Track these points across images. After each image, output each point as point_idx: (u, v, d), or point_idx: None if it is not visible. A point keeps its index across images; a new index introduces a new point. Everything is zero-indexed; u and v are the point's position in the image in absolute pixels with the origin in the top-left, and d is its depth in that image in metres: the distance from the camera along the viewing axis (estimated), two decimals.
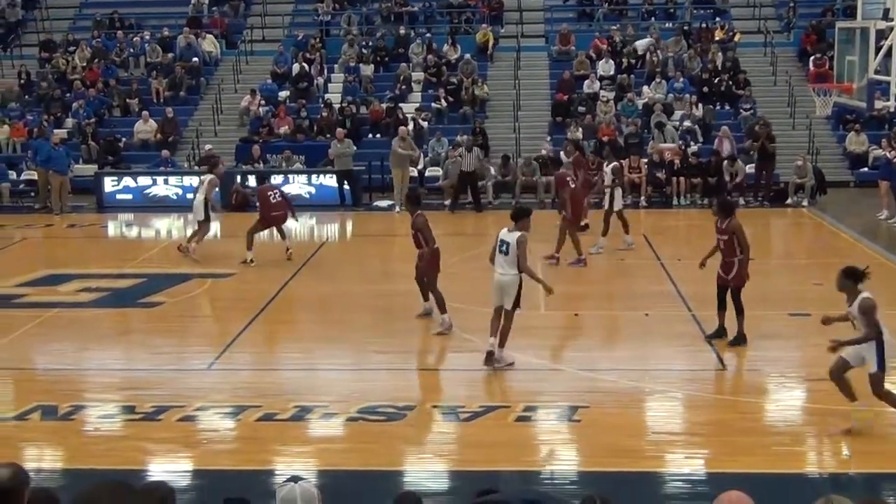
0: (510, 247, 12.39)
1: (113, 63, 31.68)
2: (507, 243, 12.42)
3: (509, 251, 12.39)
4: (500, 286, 12.55)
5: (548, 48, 31.91)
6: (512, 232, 12.49)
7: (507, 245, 12.42)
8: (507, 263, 12.43)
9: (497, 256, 12.53)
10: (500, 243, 12.49)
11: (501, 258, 12.47)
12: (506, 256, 12.42)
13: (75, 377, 13.12)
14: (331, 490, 8.60)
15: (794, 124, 27.92)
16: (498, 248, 12.50)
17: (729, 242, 13.38)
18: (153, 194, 26.00)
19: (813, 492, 9.26)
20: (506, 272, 12.47)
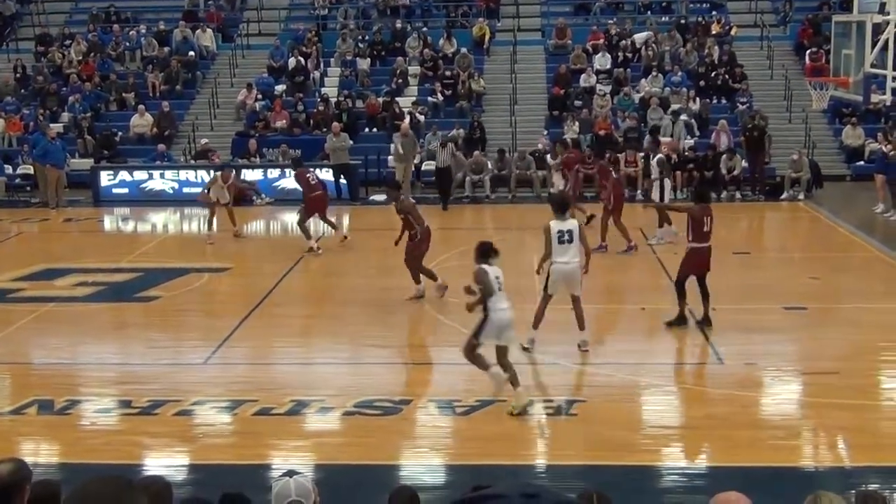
0: (574, 234, 12.67)
1: (109, 57, 31.63)
2: (571, 231, 12.66)
3: (573, 238, 12.65)
4: (571, 274, 12.77)
5: (544, 42, 31.89)
6: (567, 220, 12.80)
7: (570, 233, 12.64)
8: (573, 250, 12.70)
9: (559, 247, 12.65)
10: (560, 234, 12.62)
11: (566, 247, 12.66)
12: (570, 244, 12.65)
13: (72, 371, 13.12)
14: (327, 484, 8.61)
15: (790, 118, 27.93)
16: (558, 239, 12.61)
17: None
18: (149, 188, 25.96)
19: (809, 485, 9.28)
20: (572, 259, 12.72)
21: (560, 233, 12.64)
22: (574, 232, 12.69)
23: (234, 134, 28.19)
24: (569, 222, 12.78)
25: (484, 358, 11.31)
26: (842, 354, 12.66)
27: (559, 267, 12.71)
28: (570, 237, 12.65)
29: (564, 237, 12.63)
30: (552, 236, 12.65)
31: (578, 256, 12.78)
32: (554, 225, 12.70)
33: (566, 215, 12.88)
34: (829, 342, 13.40)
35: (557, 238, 12.62)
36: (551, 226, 12.70)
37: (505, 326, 11.20)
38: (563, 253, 12.67)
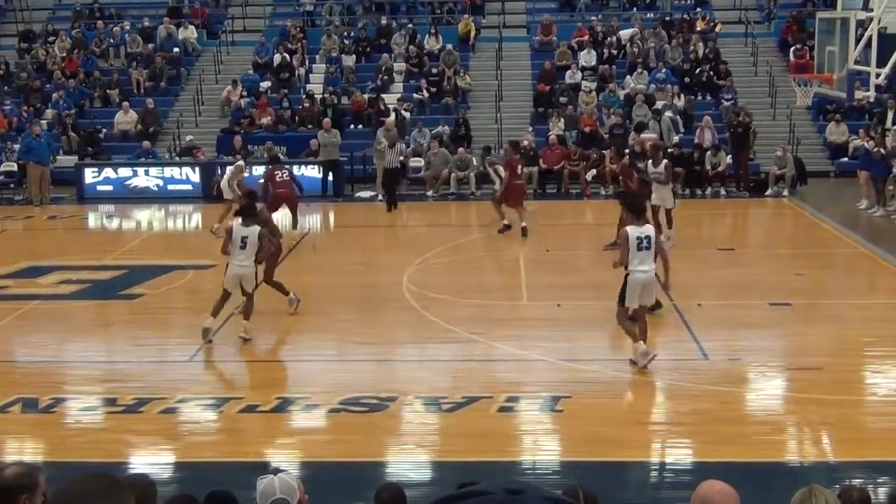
0: (652, 240, 11.96)
1: (93, 53, 31.48)
2: (649, 237, 11.93)
3: (651, 245, 11.93)
4: (649, 284, 12.04)
5: (529, 39, 31.89)
6: (644, 225, 12.07)
7: (649, 239, 11.91)
8: (652, 258, 11.98)
9: (637, 255, 11.85)
10: (639, 240, 11.85)
11: (645, 254, 11.89)
12: (649, 251, 11.91)
13: (56, 369, 13.07)
14: (313, 481, 8.61)
15: (774, 114, 28.01)
16: (637, 246, 11.84)
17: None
18: (134, 185, 25.87)
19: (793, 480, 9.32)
20: (652, 268, 12.01)
21: (639, 239, 11.83)
22: (652, 238, 11.93)
23: (219, 131, 28.12)
24: (646, 227, 12.03)
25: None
26: (826, 350, 12.71)
27: (638, 276, 11.90)
28: (649, 243, 11.87)
29: (643, 244, 11.83)
30: (631, 243, 11.83)
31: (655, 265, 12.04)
32: (632, 231, 11.88)
33: (642, 220, 12.11)
34: (813, 338, 13.45)
35: (637, 245, 11.81)
36: (629, 232, 11.88)
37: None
38: (641, 261, 11.87)
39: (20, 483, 4.61)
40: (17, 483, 4.58)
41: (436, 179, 25.36)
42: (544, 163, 25.68)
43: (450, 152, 25.75)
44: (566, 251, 19.21)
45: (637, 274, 11.91)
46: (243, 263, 13.58)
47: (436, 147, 25.66)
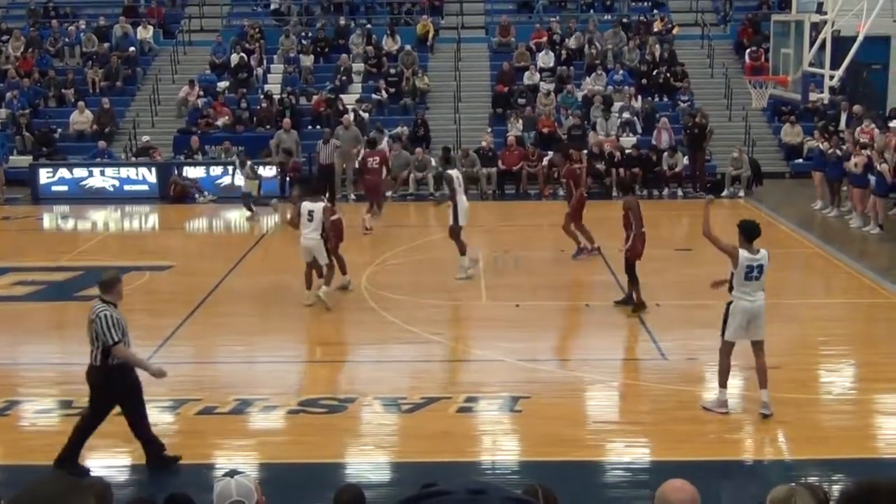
0: (764, 269, 10.82)
1: (47, 52, 31.13)
2: (762, 266, 10.78)
3: (762, 275, 10.82)
4: (756, 313, 10.88)
5: (488, 40, 31.96)
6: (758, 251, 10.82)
7: (761, 269, 10.78)
8: (761, 287, 10.87)
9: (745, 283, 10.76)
10: (749, 269, 10.74)
11: (754, 284, 10.80)
12: (758, 281, 10.81)
13: (10, 372, 12.92)
14: (272, 483, 8.57)
15: (730, 116, 28.26)
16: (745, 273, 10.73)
17: (625, 216, 14.58)
18: (89, 186, 25.62)
19: (750, 478, 9.42)
20: (760, 298, 10.88)
21: (750, 267, 10.71)
22: (764, 266, 10.76)
23: (175, 131, 27.90)
24: (760, 255, 10.77)
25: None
26: (783, 349, 12.82)
27: (743, 303, 10.77)
28: (760, 272, 10.74)
29: (753, 273, 10.73)
30: (740, 268, 10.71)
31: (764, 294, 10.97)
32: (744, 257, 10.71)
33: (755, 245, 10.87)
34: (770, 337, 13.45)
35: (746, 273, 10.71)
36: (741, 258, 10.70)
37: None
38: (749, 289, 10.77)
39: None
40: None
41: (395, 181, 25.33)
42: (503, 164, 25.73)
43: (408, 153, 25.73)
44: (525, 252, 19.26)
45: (743, 301, 10.78)
46: (310, 236, 14.82)
47: (397, 149, 25.63)
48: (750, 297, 10.76)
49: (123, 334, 9.37)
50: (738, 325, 10.79)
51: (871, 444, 10.54)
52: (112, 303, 9.46)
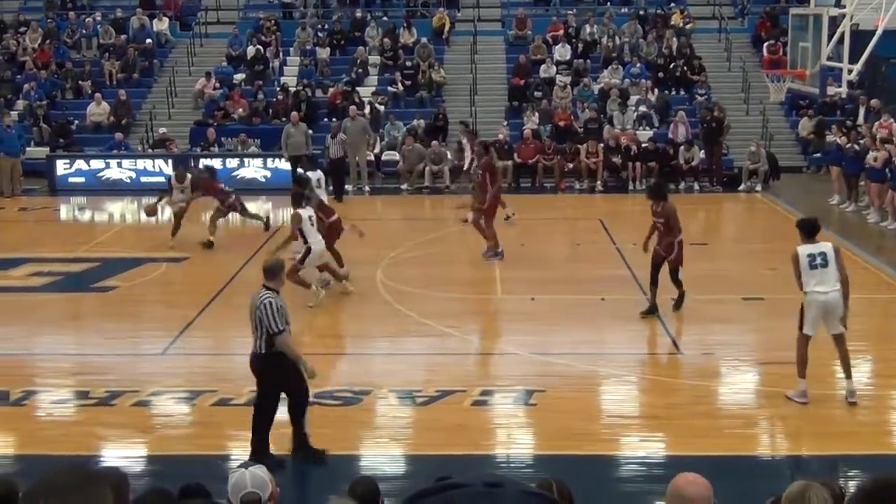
0: (829, 256, 10.82)
1: (65, 44, 31.22)
2: (823, 253, 10.82)
3: (828, 261, 10.79)
4: (830, 306, 10.79)
5: (504, 33, 31.89)
6: (818, 242, 11.02)
7: (823, 255, 10.79)
8: (831, 276, 10.79)
9: (811, 273, 10.75)
10: (811, 257, 10.78)
11: (821, 273, 10.74)
12: (826, 269, 10.75)
13: (27, 362, 12.98)
14: (286, 475, 8.60)
15: (748, 110, 28.13)
16: (809, 264, 10.76)
17: (666, 224, 13.86)
18: (106, 177, 25.69)
19: (766, 474, 9.40)
20: (832, 287, 10.77)
21: (811, 256, 10.76)
22: (828, 254, 10.78)
23: (192, 123, 27.95)
24: (821, 244, 10.92)
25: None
26: None
27: (815, 297, 10.73)
28: (824, 260, 10.74)
29: (816, 260, 10.73)
30: (801, 262, 10.78)
31: (838, 284, 10.85)
32: (801, 249, 10.84)
33: (813, 238, 11.01)
34: (785, 332, 13.45)
35: (808, 263, 10.75)
36: (798, 251, 10.85)
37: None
38: (817, 280, 10.74)
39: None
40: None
41: (410, 173, 25.33)
42: (519, 157, 25.69)
43: (424, 146, 25.72)
44: (540, 245, 19.24)
45: (815, 295, 10.74)
46: (318, 238, 14.78)
47: (410, 143, 25.62)
48: (821, 289, 10.72)
49: (286, 323, 9.38)
50: (814, 319, 10.81)
51: (888, 440, 10.50)
52: (275, 290, 9.48)
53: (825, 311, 10.77)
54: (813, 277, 10.72)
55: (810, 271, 10.73)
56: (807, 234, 11.00)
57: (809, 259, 10.74)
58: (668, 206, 13.99)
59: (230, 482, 4.99)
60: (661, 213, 13.92)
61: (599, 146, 25.52)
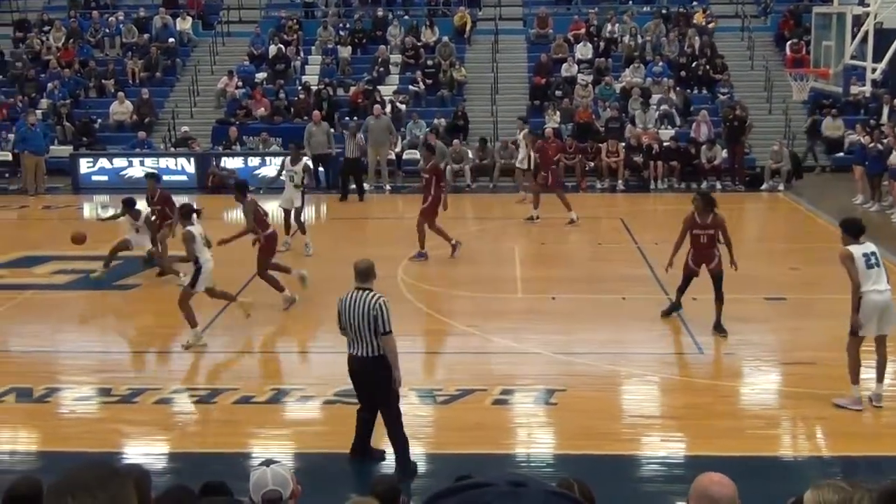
0: (879, 255, 10.75)
1: (88, 43, 31.41)
2: (875, 252, 10.71)
3: (880, 260, 10.72)
4: (888, 306, 10.68)
5: (526, 31, 31.85)
6: (866, 242, 10.83)
7: (875, 255, 10.69)
8: (885, 277, 10.70)
9: (868, 273, 10.55)
10: (866, 257, 10.63)
11: (877, 272, 10.62)
12: (880, 268, 10.66)
13: (51, 359, 13.06)
14: (307, 473, 8.61)
15: (770, 109, 28.01)
16: (865, 264, 10.58)
17: (713, 236, 13.22)
18: (129, 176, 25.79)
19: (788, 475, 9.35)
20: (888, 287, 10.68)
21: (865, 255, 10.59)
22: (878, 253, 10.75)
23: (214, 122, 28.07)
24: (869, 244, 10.79)
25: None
26: (820, 345, 12.71)
27: (873, 297, 10.54)
28: (877, 259, 10.64)
29: (871, 260, 10.59)
30: (858, 262, 10.53)
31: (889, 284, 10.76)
32: (856, 250, 10.61)
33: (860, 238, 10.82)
34: (807, 332, 13.48)
35: (865, 262, 10.55)
36: (853, 251, 10.60)
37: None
38: (874, 280, 10.56)
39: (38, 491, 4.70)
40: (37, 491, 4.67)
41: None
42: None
43: (445, 145, 25.72)
44: (561, 244, 19.21)
45: (872, 295, 10.54)
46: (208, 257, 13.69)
47: (433, 139, 25.63)
48: (879, 288, 10.57)
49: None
50: (869, 321, 10.60)
51: None
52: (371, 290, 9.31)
53: (882, 311, 10.61)
54: (870, 278, 10.55)
55: (867, 271, 10.53)
56: (854, 235, 10.78)
57: (865, 259, 10.56)
58: (720, 217, 13.32)
59: (251, 480, 5.00)
60: (710, 224, 13.21)
61: (620, 145, 25.47)
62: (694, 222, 13.22)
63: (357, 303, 9.15)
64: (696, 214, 13.20)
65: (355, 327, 9.13)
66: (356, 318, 9.11)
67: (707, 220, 13.17)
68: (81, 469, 2.66)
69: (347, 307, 9.17)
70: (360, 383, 9.50)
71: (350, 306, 9.16)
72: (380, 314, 9.12)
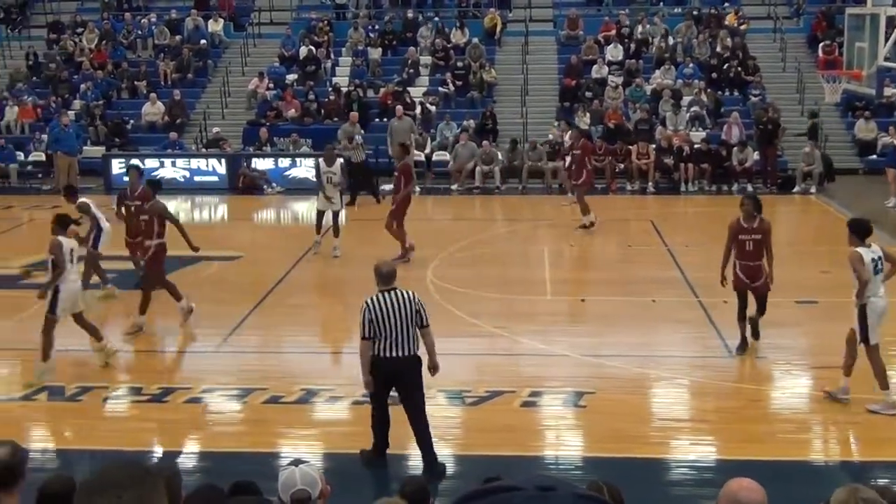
0: (883, 260, 10.68)
1: (121, 45, 31.65)
2: (881, 257, 10.64)
3: (883, 267, 10.67)
4: (885, 312, 10.68)
5: (556, 33, 31.80)
6: (872, 245, 10.73)
7: (881, 259, 10.64)
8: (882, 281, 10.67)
9: (875, 279, 10.53)
10: (875, 262, 10.55)
11: (880, 277, 10.63)
12: (882, 273, 10.65)
13: (82, 358, 13.15)
14: (335, 473, 8.63)
15: (802, 111, 27.78)
16: (875, 268, 10.52)
17: (760, 243, 12.43)
18: (160, 176, 25.92)
19: (819, 479, 9.28)
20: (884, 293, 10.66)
21: (874, 261, 10.50)
22: (883, 259, 10.65)
23: (245, 123, 28.21)
24: (875, 247, 10.68)
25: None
26: None
27: (879, 302, 10.53)
28: (882, 264, 10.59)
29: (878, 265, 10.54)
30: (868, 265, 10.44)
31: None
32: (865, 253, 10.50)
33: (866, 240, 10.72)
34: (839, 336, 13.29)
35: (873, 267, 10.48)
36: (863, 254, 10.49)
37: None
38: (878, 284, 10.55)
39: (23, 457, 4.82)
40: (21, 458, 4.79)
41: (460, 173, 25.35)
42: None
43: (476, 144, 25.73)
44: (591, 246, 19.16)
45: (879, 301, 10.53)
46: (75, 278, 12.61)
47: (465, 139, 25.66)
48: (882, 292, 10.57)
49: None
50: (876, 325, 10.54)
51: None
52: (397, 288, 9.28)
53: (883, 315, 10.58)
54: (876, 282, 10.50)
55: (874, 277, 10.47)
56: (861, 237, 10.67)
57: (873, 264, 10.48)
58: (766, 222, 12.45)
59: (280, 479, 5.02)
60: (757, 228, 12.39)
61: (651, 147, 25.38)
62: (740, 227, 12.51)
63: (395, 303, 9.08)
64: (741, 219, 12.52)
65: (396, 327, 9.04)
66: (398, 317, 9.04)
67: (754, 223, 12.44)
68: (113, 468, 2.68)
69: (383, 309, 9.05)
70: (399, 385, 9.38)
71: (387, 307, 9.05)
72: (422, 308, 9.20)
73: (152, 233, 14.01)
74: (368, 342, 9.10)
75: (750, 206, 12.48)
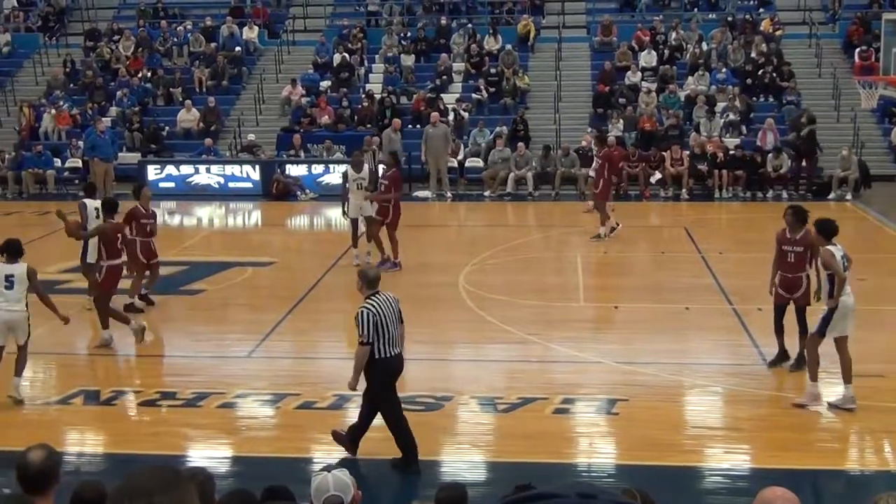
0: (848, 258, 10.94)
1: (157, 52, 31.92)
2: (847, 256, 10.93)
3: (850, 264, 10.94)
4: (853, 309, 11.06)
5: (589, 39, 31.74)
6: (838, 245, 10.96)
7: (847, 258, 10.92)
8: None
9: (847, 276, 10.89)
10: (844, 258, 10.87)
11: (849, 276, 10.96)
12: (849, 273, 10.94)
13: (118, 363, 13.27)
14: (368, 479, 8.66)
15: (838, 117, 27.57)
16: (844, 268, 10.81)
17: (802, 255, 12.02)
18: (195, 182, 26.19)
19: (855, 489, 9.19)
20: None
21: (844, 257, 10.77)
22: (847, 257, 10.91)
23: (279, 129, 28.36)
24: (840, 247, 10.88)
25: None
26: (888, 357, 12.50)
27: (848, 301, 10.84)
28: (847, 262, 10.84)
29: (845, 263, 10.79)
30: (839, 262, 10.67)
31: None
32: (837, 251, 10.75)
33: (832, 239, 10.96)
34: (875, 345, 13.20)
35: (844, 266, 10.70)
36: (835, 252, 10.73)
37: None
38: (847, 282, 10.81)
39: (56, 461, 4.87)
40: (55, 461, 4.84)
41: (493, 180, 25.36)
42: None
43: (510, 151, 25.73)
44: (624, 253, 19.09)
45: (848, 299, 10.78)
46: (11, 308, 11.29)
47: (501, 144, 25.67)
48: (848, 291, 10.83)
49: None
50: (841, 321, 10.81)
51: None
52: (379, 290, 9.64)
53: (851, 312, 10.85)
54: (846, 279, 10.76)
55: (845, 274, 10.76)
56: (828, 237, 10.96)
57: (844, 261, 10.77)
58: (812, 234, 11.74)
59: (313, 485, 5.04)
60: (801, 240, 11.98)
61: (685, 153, 25.25)
62: (784, 237, 12.16)
63: (387, 305, 9.47)
64: (786, 230, 12.23)
65: (390, 327, 9.42)
66: (393, 319, 9.46)
67: (797, 235, 12.08)
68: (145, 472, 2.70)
69: (384, 312, 9.41)
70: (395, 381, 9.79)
71: (386, 310, 9.43)
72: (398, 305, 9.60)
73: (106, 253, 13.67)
74: (367, 348, 9.36)
75: (791, 218, 12.21)
